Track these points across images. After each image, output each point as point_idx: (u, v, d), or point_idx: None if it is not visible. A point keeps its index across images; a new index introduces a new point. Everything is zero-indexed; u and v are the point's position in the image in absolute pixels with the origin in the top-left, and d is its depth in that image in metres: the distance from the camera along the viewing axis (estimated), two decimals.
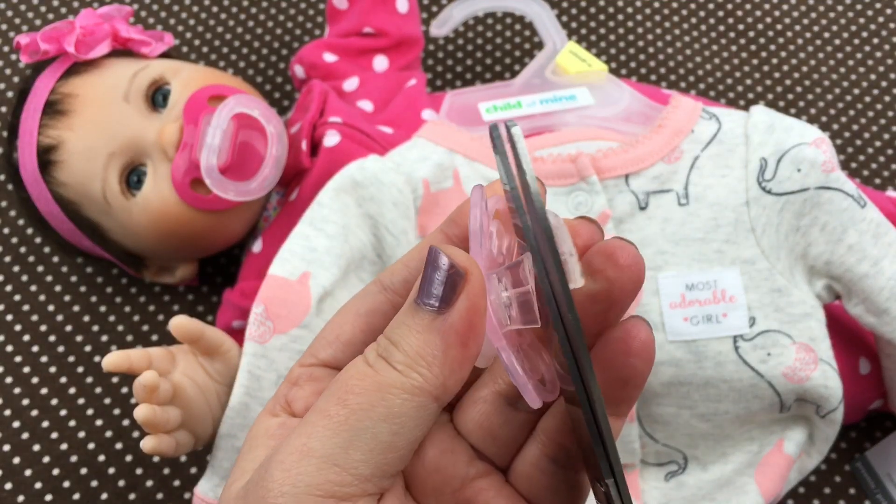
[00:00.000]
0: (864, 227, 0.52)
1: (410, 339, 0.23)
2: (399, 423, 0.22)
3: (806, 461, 0.55)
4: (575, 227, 0.24)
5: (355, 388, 0.22)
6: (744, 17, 0.81)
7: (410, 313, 0.23)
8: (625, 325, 0.24)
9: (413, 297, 0.23)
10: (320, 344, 0.27)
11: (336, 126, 0.58)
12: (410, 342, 0.23)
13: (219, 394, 0.48)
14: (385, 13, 0.66)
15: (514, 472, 0.26)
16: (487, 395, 0.26)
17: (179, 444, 0.46)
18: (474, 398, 0.27)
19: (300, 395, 0.26)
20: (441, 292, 0.23)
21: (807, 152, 0.52)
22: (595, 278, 0.23)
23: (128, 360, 0.44)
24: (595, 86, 0.57)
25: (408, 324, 0.23)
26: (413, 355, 0.23)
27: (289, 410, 0.26)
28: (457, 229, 0.26)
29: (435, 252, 0.23)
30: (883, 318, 0.52)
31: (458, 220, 0.26)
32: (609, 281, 0.23)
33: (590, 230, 0.24)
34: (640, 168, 0.53)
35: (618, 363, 0.24)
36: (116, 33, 0.60)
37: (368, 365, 0.23)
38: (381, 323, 0.26)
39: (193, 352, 0.49)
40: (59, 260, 0.69)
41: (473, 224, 0.23)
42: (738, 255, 0.52)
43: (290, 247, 0.50)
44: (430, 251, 0.23)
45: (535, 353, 0.25)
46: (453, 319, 0.23)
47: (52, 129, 0.57)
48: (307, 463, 0.22)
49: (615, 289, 0.23)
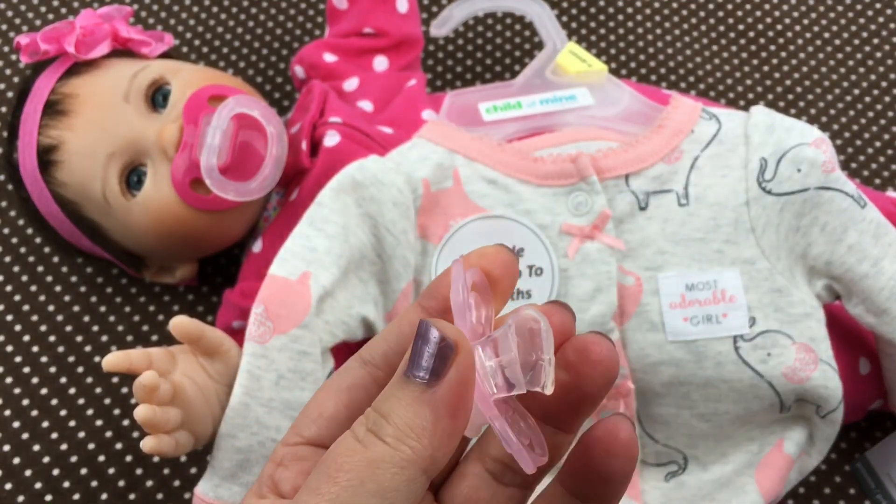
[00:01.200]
0: (864, 228, 0.52)
1: (400, 412, 0.23)
2: (390, 498, 0.22)
3: (806, 461, 0.55)
4: (546, 312, 0.24)
5: (345, 465, 0.22)
6: (744, 18, 0.81)
7: (400, 386, 0.23)
8: (605, 425, 0.24)
9: (402, 370, 0.23)
10: (304, 422, 0.26)
11: (336, 126, 0.58)
12: (400, 414, 0.23)
13: (219, 394, 0.48)
14: (385, 13, 0.66)
15: None
16: (475, 470, 0.26)
17: (179, 444, 0.46)
18: (462, 473, 0.27)
19: (286, 475, 0.26)
20: (431, 365, 0.23)
21: (807, 152, 0.52)
22: (567, 371, 0.24)
23: (128, 361, 0.44)
24: (595, 86, 0.57)
25: (398, 396, 0.23)
26: (403, 427, 0.22)
27: (276, 491, 0.26)
28: (434, 302, 0.26)
29: (425, 326, 0.23)
30: (883, 317, 0.52)
31: (435, 294, 0.26)
32: (580, 376, 0.24)
33: (561, 317, 0.25)
34: (640, 168, 0.53)
35: (599, 463, 0.24)
36: (116, 33, 0.60)
37: (357, 440, 0.23)
38: (363, 398, 0.26)
39: (193, 352, 0.49)
40: (59, 260, 0.69)
41: (456, 297, 0.24)
42: (738, 255, 0.52)
43: (290, 247, 0.50)
44: (421, 325, 0.23)
45: (521, 419, 0.25)
46: (443, 392, 0.23)
47: (52, 129, 0.57)
48: None
49: (586, 383, 0.24)
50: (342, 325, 0.51)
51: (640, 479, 0.55)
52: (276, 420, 0.47)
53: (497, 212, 0.53)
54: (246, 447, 0.47)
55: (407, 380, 0.23)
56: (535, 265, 0.52)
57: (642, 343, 0.51)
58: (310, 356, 0.49)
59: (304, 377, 0.48)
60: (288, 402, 0.48)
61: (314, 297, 0.49)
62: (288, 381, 0.48)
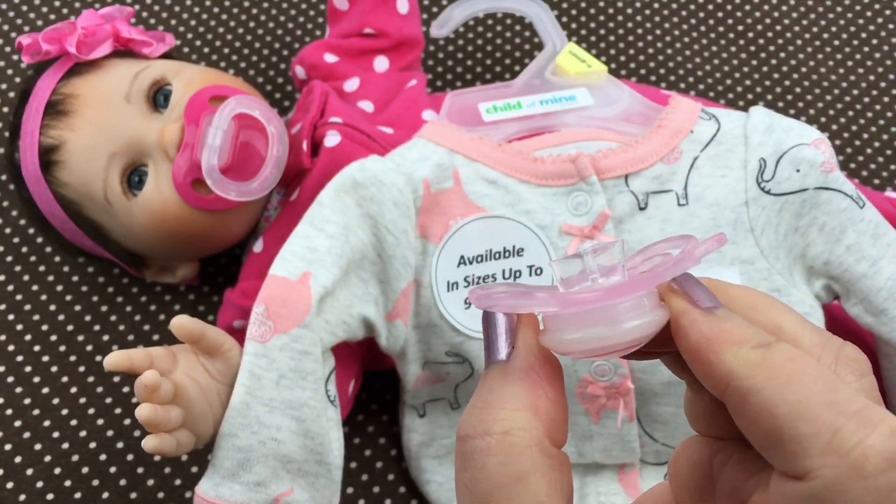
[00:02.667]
0: (862, 228, 0.52)
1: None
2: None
3: None
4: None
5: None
6: (743, 18, 0.81)
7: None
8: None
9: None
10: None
11: (337, 126, 0.58)
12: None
13: (220, 393, 0.49)
14: (386, 14, 0.66)
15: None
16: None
17: (180, 444, 0.46)
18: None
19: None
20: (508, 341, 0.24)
21: (806, 153, 0.52)
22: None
23: (129, 360, 0.44)
24: (595, 86, 0.58)
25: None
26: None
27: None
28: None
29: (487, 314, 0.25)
30: (881, 318, 0.52)
31: None
32: None
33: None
34: (640, 168, 0.53)
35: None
36: (118, 34, 0.60)
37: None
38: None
39: (194, 351, 0.49)
40: (61, 260, 0.70)
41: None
42: (738, 255, 0.52)
43: (290, 247, 0.51)
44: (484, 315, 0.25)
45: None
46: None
47: (54, 129, 0.57)
48: None
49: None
50: (343, 325, 0.51)
51: (639, 479, 0.56)
52: (277, 419, 0.48)
53: (497, 212, 0.53)
54: (247, 446, 0.47)
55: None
56: (534, 265, 0.52)
57: None
58: (310, 355, 0.49)
59: (305, 376, 0.49)
60: (289, 402, 0.48)
61: (315, 297, 0.49)
62: (289, 381, 0.48)
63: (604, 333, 0.23)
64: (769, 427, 0.22)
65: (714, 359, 0.23)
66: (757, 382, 0.22)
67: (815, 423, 0.21)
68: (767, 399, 0.21)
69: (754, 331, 0.23)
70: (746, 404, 0.22)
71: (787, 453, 0.21)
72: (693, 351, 0.23)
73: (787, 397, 0.21)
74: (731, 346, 0.23)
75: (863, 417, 0.21)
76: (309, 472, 0.49)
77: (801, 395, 0.21)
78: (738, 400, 0.22)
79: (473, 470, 0.23)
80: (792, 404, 0.21)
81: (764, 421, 0.22)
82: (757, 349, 0.22)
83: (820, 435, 0.21)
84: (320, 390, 0.49)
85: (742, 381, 0.22)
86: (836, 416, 0.21)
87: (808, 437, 0.21)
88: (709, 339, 0.23)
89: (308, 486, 0.49)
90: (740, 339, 0.23)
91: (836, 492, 0.20)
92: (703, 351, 0.23)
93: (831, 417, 0.21)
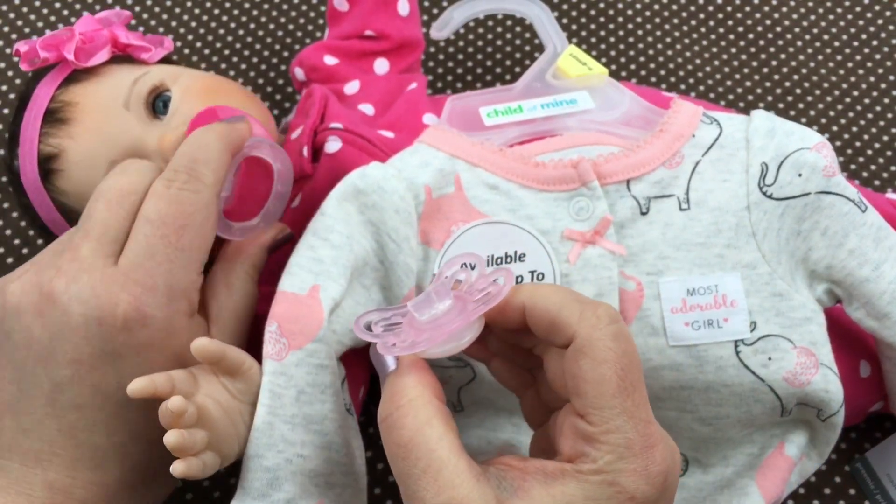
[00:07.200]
0: (864, 232, 0.52)
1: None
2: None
3: (807, 464, 0.55)
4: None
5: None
6: (744, 19, 0.81)
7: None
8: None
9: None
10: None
11: (337, 132, 0.58)
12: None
13: (242, 412, 0.48)
14: (386, 16, 0.66)
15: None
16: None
17: (206, 465, 0.45)
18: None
19: None
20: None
21: (808, 157, 0.52)
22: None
23: (153, 385, 0.43)
24: (595, 89, 0.57)
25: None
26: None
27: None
28: None
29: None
30: (884, 322, 0.52)
31: None
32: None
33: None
34: (642, 173, 0.53)
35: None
36: (116, 39, 0.60)
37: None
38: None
39: (214, 371, 0.48)
40: None
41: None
42: (740, 259, 0.52)
43: (296, 260, 0.50)
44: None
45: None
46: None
47: (53, 137, 0.57)
48: None
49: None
50: (349, 333, 0.51)
51: None
52: (300, 435, 0.47)
53: (499, 217, 0.53)
54: (274, 466, 0.47)
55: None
56: (536, 270, 0.52)
57: (643, 348, 0.51)
58: (327, 368, 0.49)
59: (324, 390, 0.48)
60: (309, 417, 0.48)
61: (326, 310, 0.49)
62: (308, 396, 0.48)
63: (452, 346, 0.40)
64: (547, 320, 0.38)
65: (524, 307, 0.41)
66: (537, 300, 0.39)
67: (569, 309, 0.38)
68: (542, 305, 0.39)
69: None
70: (534, 314, 0.39)
71: (559, 330, 0.38)
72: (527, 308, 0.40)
73: (552, 301, 0.39)
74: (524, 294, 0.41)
75: (594, 302, 0.38)
76: (336, 484, 0.49)
77: (559, 298, 0.39)
78: (531, 317, 0.40)
79: (396, 434, 0.37)
80: (555, 303, 0.38)
81: (543, 317, 0.39)
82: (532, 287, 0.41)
83: (573, 314, 0.37)
84: (339, 401, 0.49)
85: (532, 303, 0.40)
86: (580, 304, 0.38)
87: (568, 317, 0.38)
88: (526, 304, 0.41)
89: (336, 497, 0.49)
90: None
91: (588, 340, 0.36)
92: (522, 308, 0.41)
93: (578, 306, 0.38)
